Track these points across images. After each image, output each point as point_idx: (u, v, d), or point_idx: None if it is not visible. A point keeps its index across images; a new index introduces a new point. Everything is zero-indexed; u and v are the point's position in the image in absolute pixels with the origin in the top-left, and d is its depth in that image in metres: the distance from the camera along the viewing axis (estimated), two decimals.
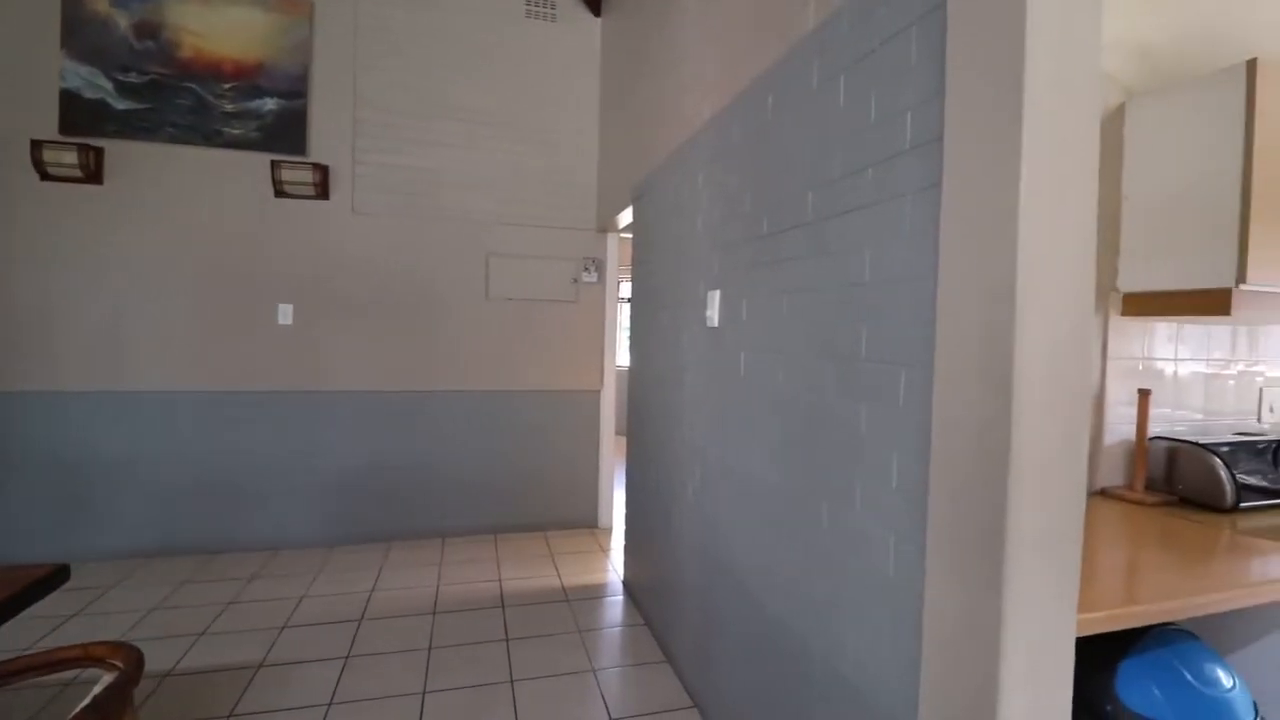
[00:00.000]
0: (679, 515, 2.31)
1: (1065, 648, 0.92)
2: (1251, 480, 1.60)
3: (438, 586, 3.01)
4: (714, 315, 1.99)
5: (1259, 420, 1.92)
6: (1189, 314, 1.52)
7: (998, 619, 0.89)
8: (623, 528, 3.15)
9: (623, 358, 5.32)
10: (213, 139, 3.31)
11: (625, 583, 3.08)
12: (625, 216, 3.40)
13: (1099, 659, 1.12)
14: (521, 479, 3.86)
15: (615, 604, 2.89)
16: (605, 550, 3.58)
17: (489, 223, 3.74)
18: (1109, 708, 1.09)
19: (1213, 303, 1.44)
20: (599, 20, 3.89)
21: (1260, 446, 1.69)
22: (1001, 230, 0.90)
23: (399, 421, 3.63)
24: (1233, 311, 1.40)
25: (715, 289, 2.01)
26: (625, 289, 6.13)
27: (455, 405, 3.73)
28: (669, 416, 2.46)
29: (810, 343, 1.46)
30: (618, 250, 4.02)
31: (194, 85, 3.28)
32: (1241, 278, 1.38)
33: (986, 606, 0.91)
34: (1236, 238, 1.38)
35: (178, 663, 2.27)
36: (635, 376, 2.99)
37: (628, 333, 3.26)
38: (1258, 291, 1.40)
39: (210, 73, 3.30)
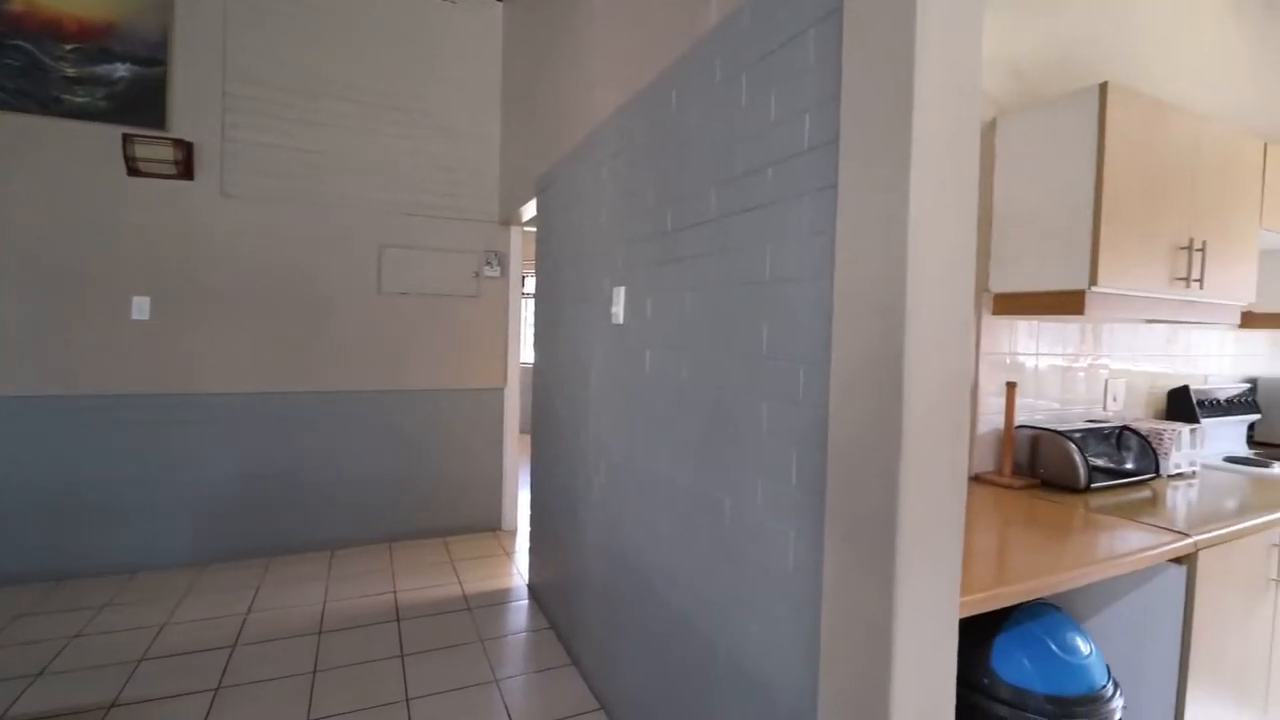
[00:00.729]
0: (585, 514, 2.27)
1: (950, 630, 0.97)
2: (1100, 462, 1.79)
3: (324, 604, 2.80)
4: (619, 312, 1.97)
5: (1104, 409, 2.15)
6: (1049, 313, 1.66)
7: (890, 607, 0.92)
8: (528, 530, 3.06)
9: (527, 354, 5.20)
10: (50, 106, 2.88)
11: (530, 586, 3.00)
12: (529, 209, 3.30)
13: (976, 635, 1.20)
14: (419, 483, 3.67)
15: (520, 609, 2.80)
16: (509, 554, 3.48)
17: (381, 212, 3.51)
18: (985, 680, 1.17)
19: (1069, 303, 1.58)
20: (501, 5, 3.75)
21: (1106, 432, 1.89)
22: (892, 231, 0.92)
23: (279, 426, 3.34)
24: (1085, 311, 1.55)
25: (620, 285, 1.98)
26: (530, 284, 6.00)
27: (344, 406, 3.47)
28: (574, 414, 2.41)
29: (713, 340, 1.46)
30: (521, 244, 3.91)
31: (26, 44, 2.84)
32: (1093, 280, 1.52)
33: (879, 596, 0.93)
34: (1089, 244, 1.52)
35: (8, 710, 1.96)
36: (540, 373, 2.91)
37: (532, 328, 3.17)
38: (1107, 293, 1.56)
39: (47, 31, 2.87)
